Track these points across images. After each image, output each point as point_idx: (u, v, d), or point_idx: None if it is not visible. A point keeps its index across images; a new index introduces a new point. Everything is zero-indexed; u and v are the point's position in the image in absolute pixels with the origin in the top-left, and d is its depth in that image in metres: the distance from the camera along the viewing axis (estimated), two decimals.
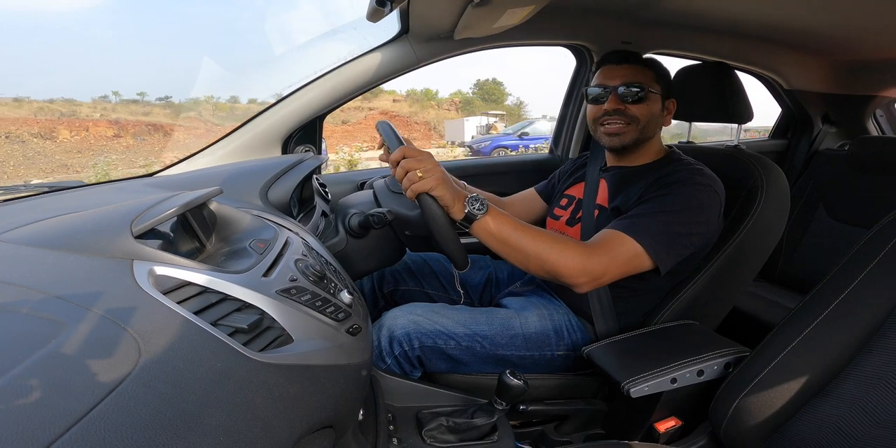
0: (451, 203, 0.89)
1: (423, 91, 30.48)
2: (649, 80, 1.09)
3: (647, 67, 1.10)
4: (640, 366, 0.91)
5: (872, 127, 2.22)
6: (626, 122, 1.09)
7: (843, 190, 1.86)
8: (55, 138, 15.34)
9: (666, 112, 1.13)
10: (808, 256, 1.89)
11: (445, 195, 0.88)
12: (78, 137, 15.15)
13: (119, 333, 0.41)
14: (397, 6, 1.07)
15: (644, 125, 1.09)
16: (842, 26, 1.46)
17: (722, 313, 1.17)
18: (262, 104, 1.28)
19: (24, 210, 0.70)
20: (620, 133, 1.10)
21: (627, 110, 1.08)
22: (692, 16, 1.47)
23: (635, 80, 1.08)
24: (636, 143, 1.11)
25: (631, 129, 1.09)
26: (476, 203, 0.91)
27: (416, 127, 22.35)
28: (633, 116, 1.09)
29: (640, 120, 1.09)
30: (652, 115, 1.10)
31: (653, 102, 1.09)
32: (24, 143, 15.37)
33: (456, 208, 0.90)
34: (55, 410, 0.32)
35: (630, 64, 1.10)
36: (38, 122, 16.58)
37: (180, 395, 0.39)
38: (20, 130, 15.86)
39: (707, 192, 0.99)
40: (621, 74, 1.09)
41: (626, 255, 0.93)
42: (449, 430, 0.91)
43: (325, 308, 0.63)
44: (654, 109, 1.10)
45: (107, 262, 0.51)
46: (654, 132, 1.13)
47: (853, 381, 0.72)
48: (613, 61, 1.12)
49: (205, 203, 0.70)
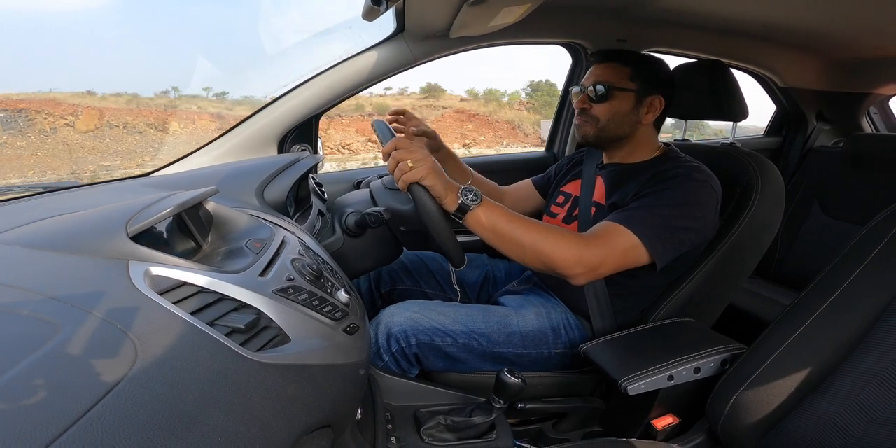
0: (442, 193, 0.88)
1: (489, 91, 29.93)
2: (622, 78, 1.09)
3: (626, 65, 1.10)
4: (638, 363, 0.91)
5: (867, 124, 2.23)
6: (586, 119, 1.12)
7: (837, 187, 1.87)
8: (167, 130, 15.22)
9: (646, 109, 1.12)
10: (804, 253, 1.90)
11: (437, 185, 0.88)
12: (187, 130, 15.02)
13: (116, 334, 0.41)
14: (393, 5, 1.07)
15: (604, 123, 1.11)
16: (837, 24, 1.47)
17: (718, 310, 1.17)
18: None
19: (20, 211, 0.70)
20: (581, 126, 1.14)
21: (591, 109, 1.11)
22: (687, 14, 1.48)
23: (604, 79, 1.09)
24: (599, 138, 1.13)
25: (590, 127, 1.12)
26: (469, 194, 0.90)
27: (498, 126, 22.07)
28: (593, 115, 1.11)
29: (599, 118, 1.11)
30: (615, 114, 1.10)
31: (619, 101, 1.09)
32: (142, 133, 15.28)
33: (449, 199, 0.89)
34: (53, 411, 0.32)
35: (609, 62, 1.11)
36: (151, 113, 16.41)
37: (178, 396, 0.39)
38: (136, 121, 15.73)
39: (704, 188, 1.00)
40: (596, 73, 1.11)
41: (622, 247, 0.93)
42: (447, 429, 0.92)
43: (322, 307, 0.63)
44: (620, 108, 1.10)
45: (102, 262, 0.51)
46: (624, 129, 1.12)
47: (849, 377, 0.72)
48: (597, 60, 1.13)
49: (201, 203, 0.69)
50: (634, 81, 1.09)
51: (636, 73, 1.10)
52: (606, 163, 1.19)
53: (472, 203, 0.90)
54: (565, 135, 1.85)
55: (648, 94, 1.11)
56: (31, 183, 1.04)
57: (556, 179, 1.34)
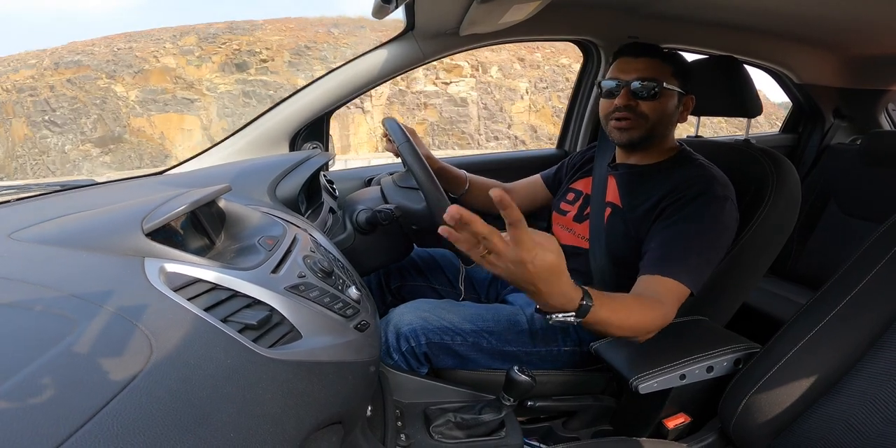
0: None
1: None
2: (666, 75, 1.04)
3: (665, 62, 1.06)
4: (649, 362, 0.90)
5: (885, 121, 2.19)
6: (634, 118, 1.05)
7: (854, 184, 1.84)
8: None
9: (682, 109, 1.09)
10: (819, 251, 1.87)
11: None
12: None
13: (131, 330, 0.42)
14: (402, 3, 1.06)
15: (654, 123, 1.05)
16: (855, 19, 1.44)
17: (732, 309, 1.16)
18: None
19: (37, 209, 0.71)
20: (629, 128, 1.06)
21: (638, 107, 1.04)
22: (699, 9, 1.45)
23: (650, 74, 1.03)
24: (645, 140, 1.08)
25: (640, 126, 1.06)
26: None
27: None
28: (642, 113, 1.05)
29: (651, 117, 1.05)
30: (664, 113, 1.06)
31: (667, 99, 1.05)
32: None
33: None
34: (69, 407, 0.33)
35: (648, 57, 1.05)
36: None
37: (191, 392, 0.40)
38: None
39: (727, 204, 0.98)
40: (637, 68, 1.04)
41: (677, 299, 0.91)
42: (457, 426, 0.92)
43: (333, 304, 0.64)
44: (668, 107, 1.06)
45: (118, 259, 0.52)
46: (666, 130, 1.09)
47: (864, 378, 0.71)
48: (630, 53, 1.07)
49: (214, 200, 0.70)
50: (677, 79, 1.06)
51: (676, 70, 1.06)
52: (619, 162, 1.17)
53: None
54: (576, 132, 1.84)
55: (686, 93, 1.09)
56: (48, 181, 1.06)
57: (567, 175, 1.32)
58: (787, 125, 2.27)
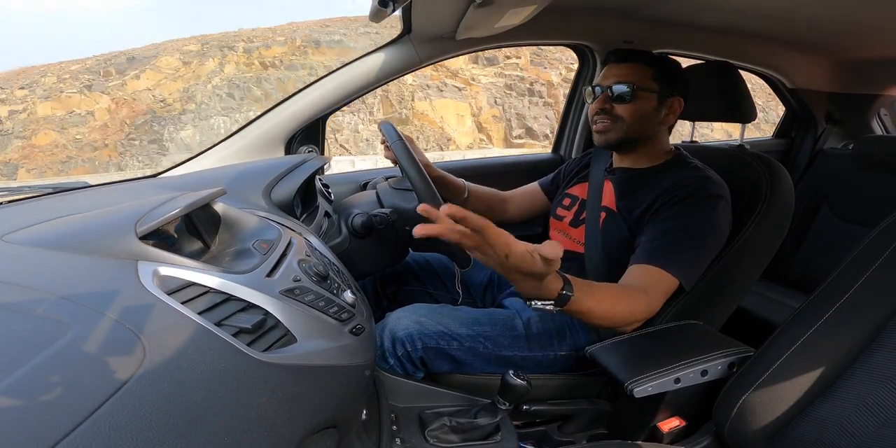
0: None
1: None
2: (645, 78, 1.07)
3: (648, 65, 1.08)
4: (644, 366, 0.90)
5: (877, 126, 2.21)
6: (611, 121, 1.09)
7: (847, 189, 1.85)
8: None
9: (666, 111, 1.11)
10: (813, 255, 1.88)
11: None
12: None
13: (124, 334, 0.41)
14: (399, 7, 1.07)
15: (630, 125, 1.08)
16: (847, 24, 1.46)
17: (726, 313, 1.16)
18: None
19: (29, 211, 0.70)
20: (605, 131, 1.10)
21: (613, 109, 1.08)
22: (695, 14, 1.47)
23: (627, 79, 1.07)
24: (625, 142, 1.11)
25: (617, 128, 1.09)
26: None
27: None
28: (618, 116, 1.08)
29: (627, 120, 1.08)
30: (641, 115, 1.08)
31: (643, 101, 1.08)
32: None
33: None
34: (61, 410, 0.33)
35: (631, 62, 1.09)
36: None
37: (185, 395, 0.39)
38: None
39: (721, 204, 1.00)
40: (617, 73, 1.09)
41: (665, 290, 0.94)
42: (452, 431, 0.91)
43: (328, 308, 0.63)
44: (645, 109, 1.08)
45: (111, 262, 0.51)
46: (646, 132, 1.11)
47: (858, 381, 0.71)
48: (614, 60, 1.11)
49: (209, 204, 0.70)
50: (657, 82, 1.08)
51: (658, 73, 1.09)
52: (616, 167, 1.18)
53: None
54: (572, 136, 1.84)
55: (670, 95, 1.10)
56: (41, 183, 1.05)
57: (564, 181, 1.33)
58: (780, 130, 2.28)
